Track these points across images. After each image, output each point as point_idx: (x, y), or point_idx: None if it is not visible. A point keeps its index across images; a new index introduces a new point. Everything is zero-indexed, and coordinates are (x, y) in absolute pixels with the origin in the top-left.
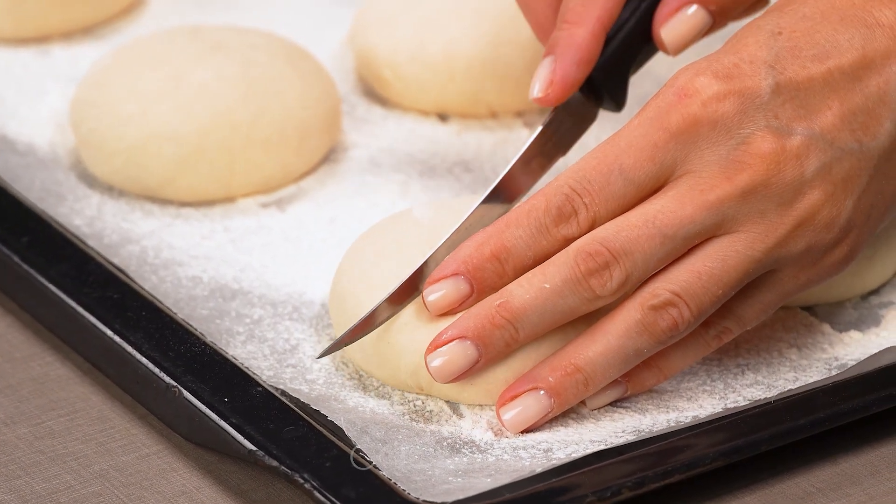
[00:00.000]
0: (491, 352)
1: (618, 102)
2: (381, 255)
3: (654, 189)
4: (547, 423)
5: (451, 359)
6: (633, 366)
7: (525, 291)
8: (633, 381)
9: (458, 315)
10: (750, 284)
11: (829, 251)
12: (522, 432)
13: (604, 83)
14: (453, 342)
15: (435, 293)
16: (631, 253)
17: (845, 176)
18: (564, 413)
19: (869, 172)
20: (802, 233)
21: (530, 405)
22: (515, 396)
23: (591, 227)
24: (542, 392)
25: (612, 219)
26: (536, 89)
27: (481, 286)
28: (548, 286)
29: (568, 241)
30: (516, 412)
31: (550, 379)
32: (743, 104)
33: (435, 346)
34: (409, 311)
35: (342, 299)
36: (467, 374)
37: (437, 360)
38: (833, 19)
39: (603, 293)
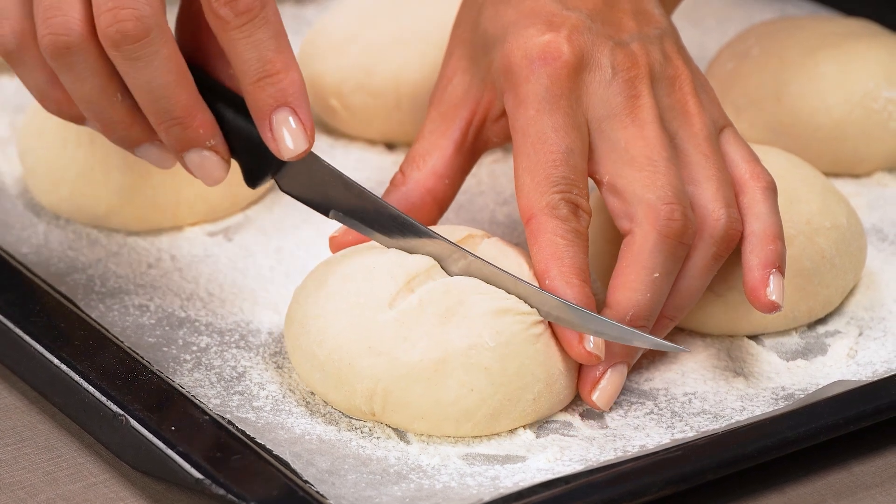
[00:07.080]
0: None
1: None
2: (345, 278)
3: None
4: (494, 448)
5: (613, 386)
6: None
7: (646, 290)
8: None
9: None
10: None
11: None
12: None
13: None
14: (608, 371)
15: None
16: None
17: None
18: (511, 439)
19: (675, 35)
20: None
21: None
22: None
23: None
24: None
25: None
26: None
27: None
28: (657, 275)
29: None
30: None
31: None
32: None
33: (594, 382)
34: (370, 337)
35: (304, 322)
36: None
37: (598, 394)
38: None
39: (688, 239)
